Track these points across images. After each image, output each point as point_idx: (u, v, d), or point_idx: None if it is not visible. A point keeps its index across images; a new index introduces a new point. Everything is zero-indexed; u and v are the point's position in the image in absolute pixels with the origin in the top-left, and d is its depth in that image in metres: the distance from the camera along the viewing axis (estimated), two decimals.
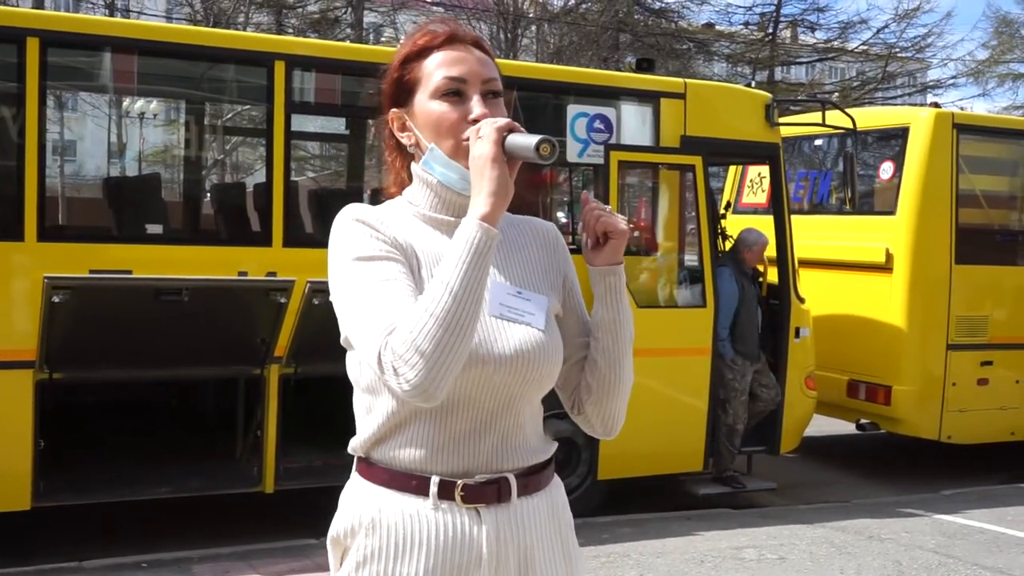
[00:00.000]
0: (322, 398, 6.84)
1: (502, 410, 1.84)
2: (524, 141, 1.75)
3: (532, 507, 1.89)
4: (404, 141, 1.94)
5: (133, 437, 7.08)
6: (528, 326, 1.85)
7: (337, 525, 1.89)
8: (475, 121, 1.83)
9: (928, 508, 7.75)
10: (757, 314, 7.82)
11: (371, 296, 1.75)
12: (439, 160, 1.87)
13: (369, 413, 1.87)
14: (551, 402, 1.97)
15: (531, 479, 1.89)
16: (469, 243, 1.69)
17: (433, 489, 1.81)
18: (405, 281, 1.78)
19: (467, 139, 1.82)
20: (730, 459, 7.74)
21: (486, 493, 1.83)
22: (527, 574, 1.87)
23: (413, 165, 1.95)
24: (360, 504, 1.86)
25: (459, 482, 1.81)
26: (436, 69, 1.87)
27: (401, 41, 2.02)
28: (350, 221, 1.84)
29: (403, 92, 1.92)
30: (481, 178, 1.74)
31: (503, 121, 1.77)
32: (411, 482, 1.82)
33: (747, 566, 6.20)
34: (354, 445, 1.90)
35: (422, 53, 1.90)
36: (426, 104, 1.88)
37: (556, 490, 1.98)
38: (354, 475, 1.92)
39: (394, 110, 1.94)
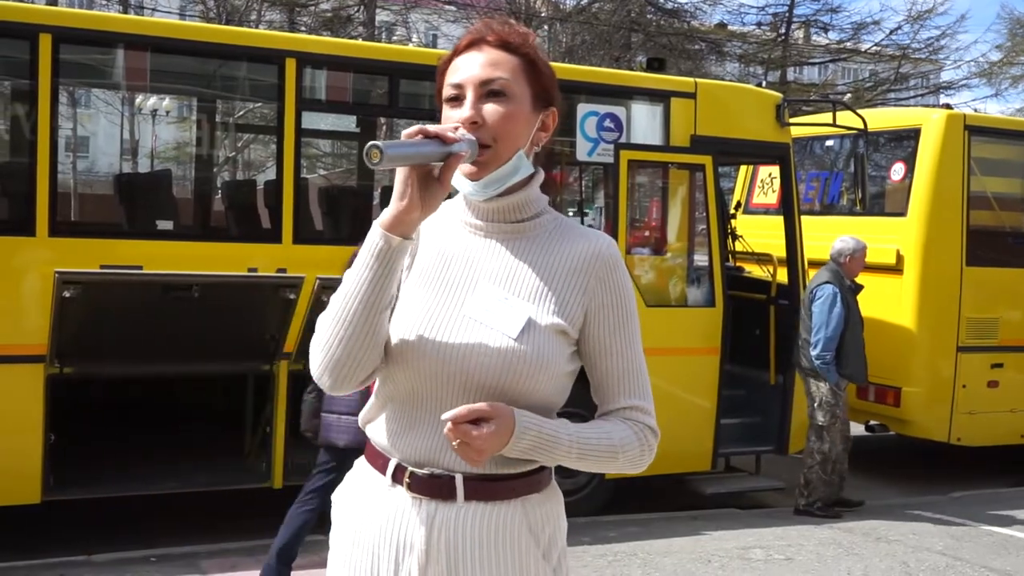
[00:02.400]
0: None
1: (446, 406, 1.82)
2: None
3: (484, 514, 1.86)
4: None
5: (142, 432, 7.11)
6: (493, 330, 1.85)
7: (338, 488, 2.06)
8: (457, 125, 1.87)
9: (936, 510, 7.73)
10: (862, 331, 7.48)
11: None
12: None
13: (375, 394, 1.99)
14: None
15: (487, 485, 1.87)
16: (367, 246, 1.80)
17: (389, 470, 1.91)
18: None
19: None
20: (824, 489, 7.42)
21: (431, 487, 1.87)
22: None
23: None
24: (352, 472, 2.03)
25: (409, 469, 1.88)
26: (448, 77, 1.92)
27: None
28: None
29: (440, 101, 1.96)
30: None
31: (413, 128, 1.80)
32: (379, 460, 1.94)
33: (754, 566, 6.19)
34: (360, 420, 2.03)
35: (448, 61, 1.94)
36: (444, 112, 1.93)
37: (538, 505, 1.93)
38: None
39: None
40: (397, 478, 1.89)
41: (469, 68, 1.89)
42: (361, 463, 2.00)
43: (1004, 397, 8.78)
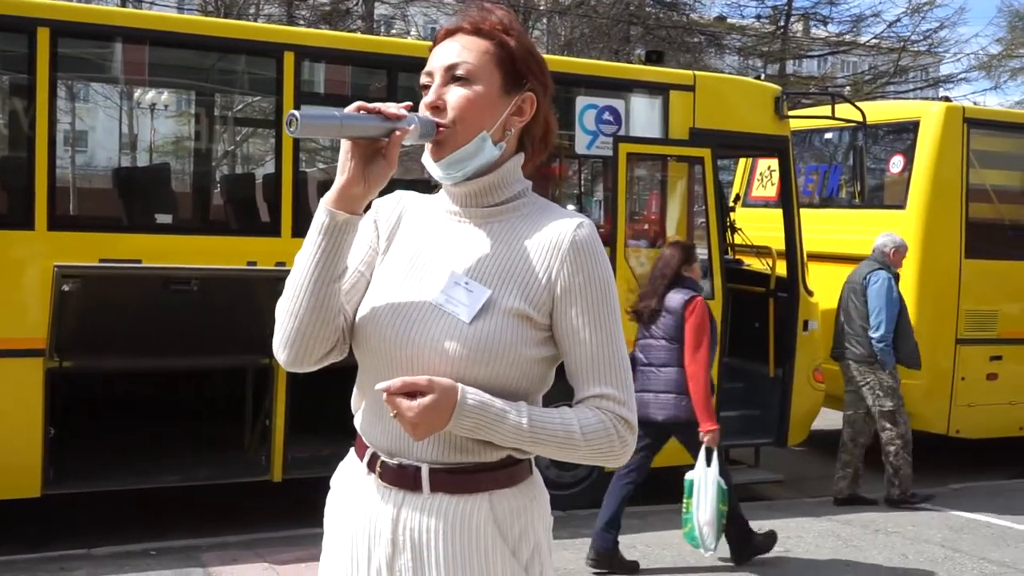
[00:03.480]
0: (330, 387, 6.86)
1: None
2: None
3: (451, 506, 1.84)
4: None
5: (142, 426, 7.12)
6: (450, 317, 1.83)
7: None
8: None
9: (935, 502, 7.74)
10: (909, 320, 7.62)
11: None
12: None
13: (356, 381, 2.01)
14: (549, 397, 1.95)
15: (453, 477, 1.85)
16: (313, 222, 1.86)
17: (366, 459, 1.93)
18: (355, 261, 1.95)
19: None
20: (910, 473, 7.55)
21: (399, 476, 1.87)
22: (420, 570, 1.85)
23: None
24: (343, 460, 2.04)
25: (381, 458, 1.90)
26: (426, 65, 1.95)
27: None
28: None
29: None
30: None
31: (354, 105, 1.84)
32: (360, 448, 1.97)
33: (753, 559, 6.20)
34: (352, 407, 2.04)
35: (432, 50, 1.96)
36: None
37: (502, 500, 1.88)
38: None
39: None
40: (371, 467, 1.91)
41: (440, 56, 1.91)
42: (351, 451, 2.02)
43: (1003, 389, 8.79)
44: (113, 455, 6.50)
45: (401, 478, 1.86)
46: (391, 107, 1.82)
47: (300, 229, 6.33)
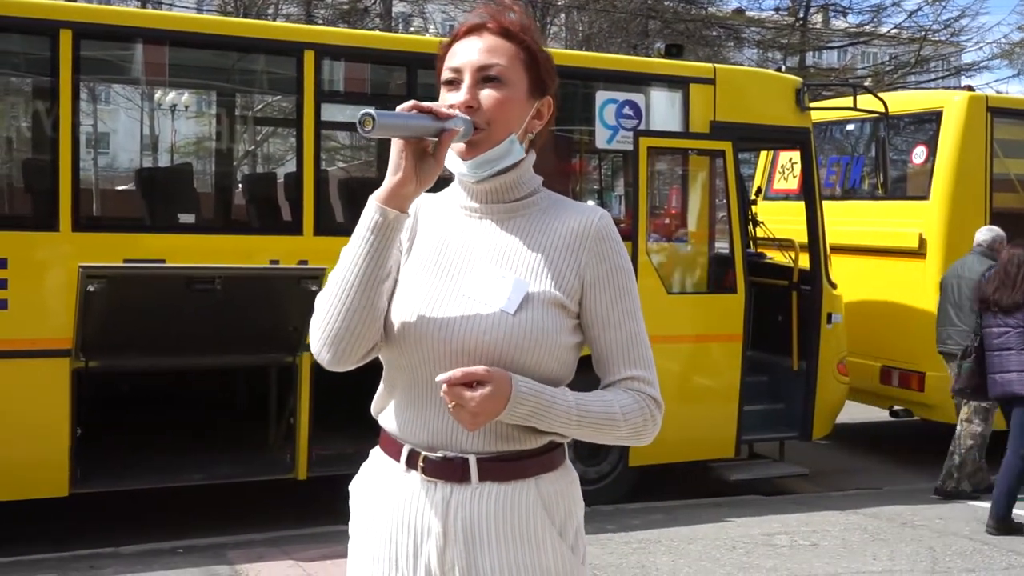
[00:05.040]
0: (354, 385, 6.87)
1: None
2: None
3: (499, 494, 1.88)
4: None
5: (168, 425, 7.16)
6: (493, 308, 1.87)
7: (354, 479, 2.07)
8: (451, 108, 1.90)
9: (962, 495, 7.68)
10: None
11: None
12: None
13: (383, 381, 2.01)
14: (575, 386, 1.96)
15: (500, 466, 1.89)
16: (363, 220, 1.84)
17: (403, 456, 1.92)
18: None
19: None
20: (973, 472, 7.63)
21: (445, 470, 1.88)
22: (474, 558, 1.87)
23: None
24: (367, 462, 2.04)
25: (422, 454, 1.89)
26: (446, 61, 1.96)
27: None
28: None
29: (438, 87, 2.00)
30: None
31: (407, 104, 1.84)
32: (393, 447, 1.96)
33: (779, 552, 6.18)
34: (372, 409, 2.04)
35: (448, 47, 1.98)
36: (441, 95, 1.96)
37: (551, 483, 1.94)
38: None
39: None
40: (411, 463, 1.90)
41: (467, 53, 1.92)
42: (376, 452, 2.01)
43: None
44: (139, 454, 6.54)
45: (448, 471, 1.88)
46: (442, 107, 1.85)
47: (322, 227, 6.38)
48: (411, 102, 1.83)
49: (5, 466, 5.74)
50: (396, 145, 1.84)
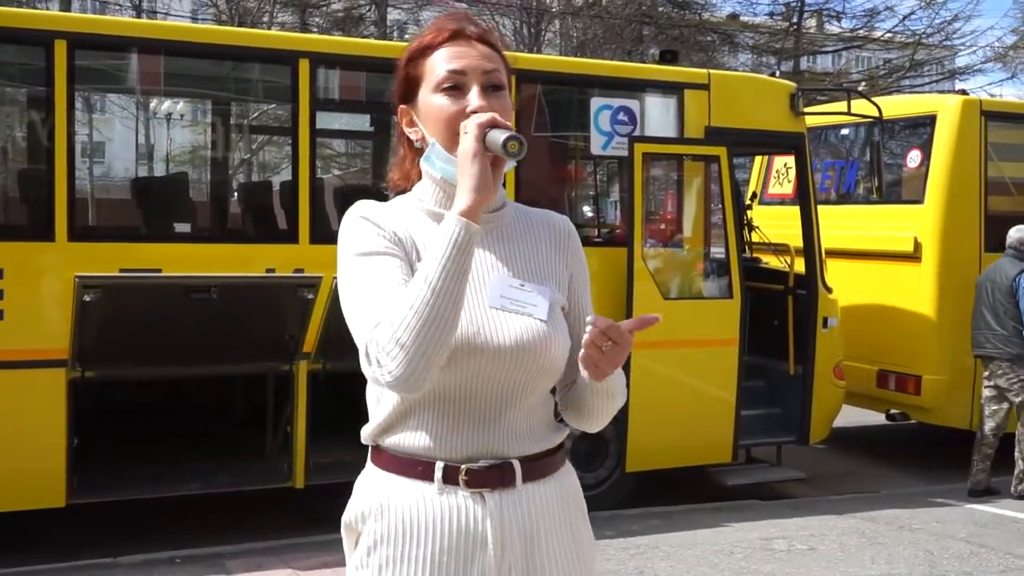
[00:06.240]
0: (351, 393, 6.86)
1: (507, 400, 1.87)
2: (496, 137, 1.78)
3: (539, 492, 1.91)
4: (412, 136, 1.99)
5: (164, 434, 7.15)
6: (530, 317, 1.88)
7: (350, 511, 1.94)
8: (473, 113, 1.86)
9: (959, 498, 7.70)
10: None
11: (365, 291, 1.83)
12: (439, 154, 1.91)
13: (378, 403, 1.93)
14: None
15: (538, 465, 1.92)
16: (450, 238, 1.74)
17: (438, 474, 1.85)
18: (399, 276, 1.83)
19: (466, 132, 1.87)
20: None
21: (490, 477, 1.86)
22: (533, 557, 1.89)
23: (420, 161, 1.98)
24: (371, 490, 1.91)
25: (463, 467, 1.85)
26: (438, 64, 1.91)
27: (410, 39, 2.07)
28: (356, 218, 1.91)
29: (409, 88, 1.96)
30: (463, 174, 1.78)
31: (486, 116, 1.80)
32: (417, 468, 1.87)
33: (777, 557, 6.19)
34: (365, 433, 1.96)
35: (427, 50, 1.94)
36: (429, 98, 1.92)
37: (567, 476, 2.00)
38: (368, 463, 1.97)
39: (402, 106, 1.99)
40: (450, 479, 1.85)
41: (467, 58, 1.90)
42: (381, 480, 1.90)
43: None
44: (136, 463, 6.54)
45: (494, 478, 1.87)
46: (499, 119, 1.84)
47: (318, 236, 6.38)
48: (490, 115, 1.80)
49: (2, 477, 5.73)
50: (486, 160, 1.77)
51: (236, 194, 9.12)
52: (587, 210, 10.29)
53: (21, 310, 5.78)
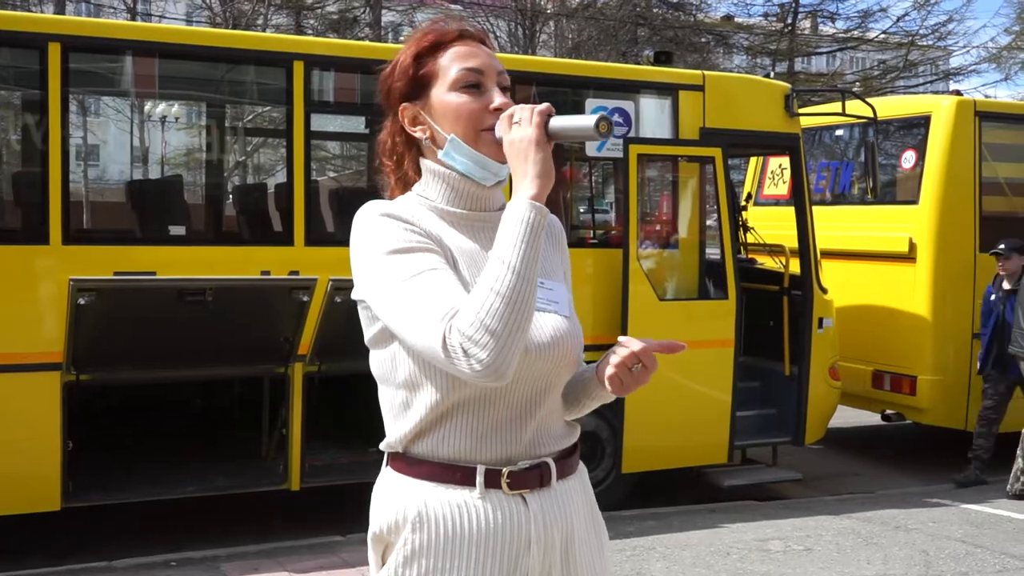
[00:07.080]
0: (346, 395, 6.87)
1: (539, 397, 1.88)
2: (576, 122, 1.81)
3: (569, 489, 1.94)
4: (417, 135, 1.94)
5: (160, 437, 7.14)
6: (555, 314, 1.90)
7: (379, 521, 1.87)
8: (498, 110, 1.86)
9: (955, 498, 7.71)
10: None
11: (420, 285, 1.74)
12: (460, 150, 1.89)
13: (407, 408, 1.85)
14: None
15: (566, 462, 1.95)
16: (524, 222, 1.72)
17: (480, 479, 1.82)
18: (449, 268, 1.80)
19: (489, 128, 1.86)
20: None
21: (530, 478, 1.86)
22: (570, 554, 1.91)
23: (423, 160, 1.96)
24: (402, 499, 1.84)
25: (504, 470, 1.83)
26: (453, 63, 1.90)
27: (405, 41, 2.05)
28: (377, 216, 1.83)
29: (417, 87, 1.94)
30: (525, 161, 1.77)
31: (544, 105, 1.82)
32: (455, 474, 1.83)
33: (773, 557, 6.19)
34: (390, 441, 1.89)
35: (435, 48, 1.93)
36: (444, 96, 1.90)
37: (583, 472, 2.04)
38: (388, 471, 1.91)
39: (406, 104, 1.95)
40: (492, 483, 1.82)
41: (480, 58, 1.92)
42: (410, 489, 1.84)
43: None
44: (131, 467, 6.53)
45: (533, 478, 1.87)
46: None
47: (313, 238, 6.38)
48: (546, 104, 1.82)
49: None
50: (546, 149, 1.79)
51: (231, 196, 9.12)
52: (582, 212, 10.29)
53: (16, 313, 5.77)
